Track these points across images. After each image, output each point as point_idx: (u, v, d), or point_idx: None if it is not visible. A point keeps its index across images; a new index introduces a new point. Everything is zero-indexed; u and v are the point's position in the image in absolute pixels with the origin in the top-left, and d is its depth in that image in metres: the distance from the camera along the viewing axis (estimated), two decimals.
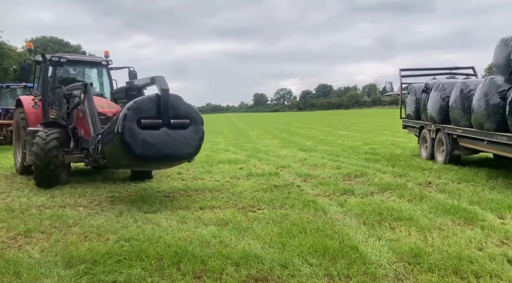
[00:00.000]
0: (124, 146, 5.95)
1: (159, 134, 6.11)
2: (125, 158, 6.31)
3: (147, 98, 6.33)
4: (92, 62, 10.45)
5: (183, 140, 6.30)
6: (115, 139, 6.05)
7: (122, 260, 4.04)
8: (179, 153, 6.38)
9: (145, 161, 6.30)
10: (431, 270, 3.68)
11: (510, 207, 5.62)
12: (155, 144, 6.05)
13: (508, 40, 7.80)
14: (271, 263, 3.90)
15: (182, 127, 6.34)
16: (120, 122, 5.92)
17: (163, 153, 6.16)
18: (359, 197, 6.72)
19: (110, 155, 6.68)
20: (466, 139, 8.76)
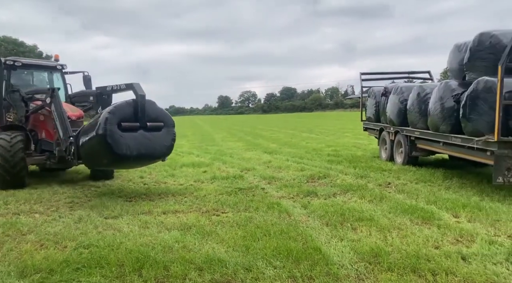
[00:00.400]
0: (106, 147, 6.43)
1: (137, 136, 6.69)
2: (106, 158, 6.75)
3: (125, 103, 6.80)
4: (47, 66, 10.14)
5: (158, 141, 6.96)
6: (97, 140, 6.49)
7: (81, 268, 3.90)
8: (155, 153, 7.02)
9: (125, 161, 6.83)
10: (391, 269, 3.78)
11: (464, 206, 5.87)
12: (134, 145, 6.60)
13: (461, 45, 8.17)
14: (235, 267, 3.89)
15: (157, 130, 6.97)
16: (102, 125, 6.39)
17: (141, 153, 6.74)
18: (322, 198, 6.82)
19: (89, 156, 7.01)
20: (423, 141, 9.08)
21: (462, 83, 7.74)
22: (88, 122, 7.09)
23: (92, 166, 8.06)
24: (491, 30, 7.15)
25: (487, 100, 6.44)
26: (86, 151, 6.94)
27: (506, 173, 6.15)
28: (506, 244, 4.37)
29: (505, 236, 4.69)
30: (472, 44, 7.41)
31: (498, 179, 6.18)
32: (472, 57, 7.42)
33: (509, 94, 6.18)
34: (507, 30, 6.68)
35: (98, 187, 8.14)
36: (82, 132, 7.03)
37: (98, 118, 6.61)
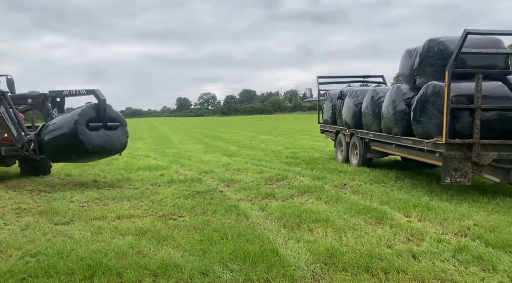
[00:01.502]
0: (78, 143, 7.64)
1: (100, 134, 8.02)
2: (75, 153, 7.97)
3: (90, 106, 8.11)
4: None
5: (116, 138, 8.39)
6: (69, 138, 7.65)
7: (27, 278, 3.71)
8: (115, 148, 8.45)
9: (91, 155, 8.20)
10: (345, 269, 3.86)
11: (415, 206, 6.10)
12: (99, 141, 7.94)
13: (412, 51, 8.50)
14: (191, 272, 3.83)
15: (114, 129, 8.37)
16: (72, 125, 7.64)
17: (105, 148, 8.14)
18: (280, 200, 6.87)
19: (57, 151, 8.01)
20: (377, 143, 9.37)
21: (413, 87, 8.06)
22: (51, 122, 8.04)
23: (56, 160, 8.86)
24: (439, 37, 7.49)
25: (436, 104, 6.74)
26: (54, 147, 7.88)
27: (453, 174, 6.45)
28: (453, 241, 4.58)
29: (452, 234, 4.91)
30: (422, 50, 7.73)
31: (446, 179, 6.47)
32: (421, 62, 7.74)
33: (456, 98, 6.49)
34: (454, 37, 7.01)
35: (48, 192, 7.79)
36: (46, 130, 7.92)
37: (68, 119, 7.77)
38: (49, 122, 8.21)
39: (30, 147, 8.26)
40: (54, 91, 8.83)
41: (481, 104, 6.34)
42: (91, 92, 8.32)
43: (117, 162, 12.00)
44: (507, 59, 7.47)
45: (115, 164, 11.64)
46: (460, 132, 6.50)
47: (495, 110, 6.55)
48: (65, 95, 8.80)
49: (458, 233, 4.93)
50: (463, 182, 6.45)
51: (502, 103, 6.59)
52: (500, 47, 7.36)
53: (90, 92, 8.34)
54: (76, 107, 8.28)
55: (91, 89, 8.33)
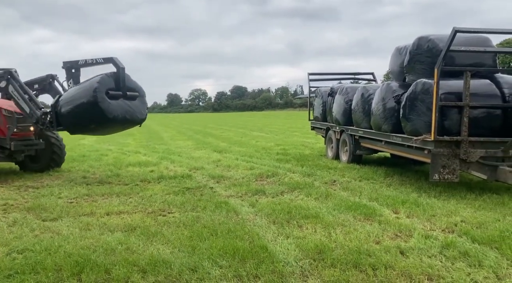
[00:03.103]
0: (98, 112, 7.41)
1: (120, 103, 7.73)
2: (95, 122, 7.76)
3: (108, 75, 7.75)
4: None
5: (136, 108, 8.06)
6: (89, 107, 7.43)
7: (13, 275, 3.67)
8: (136, 119, 8.13)
9: (112, 125, 7.97)
10: (334, 265, 3.88)
11: (403, 203, 6.15)
12: (120, 111, 7.66)
13: (402, 49, 8.56)
14: (180, 268, 3.82)
15: (133, 99, 8.05)
16: (92, 93, 7.38)
17: (126, 118, 7.84)
18: (270, 197, 6.88)
19: (76, 122, 7.83)
20: (366, 139, 9.42)
21: (403, 84, 8.11)
22: (67, 93, 7.91)
23: (75, 132, 8.41)
24: (429, 35, 7.55)
25: (425, 101, 6.79)
26: (73, 117, 7.74)
27: (441, 171, 6.52)
28: (440, 237, 4.63)
29: (439, 230, 4.96)
30: (412, 47, 7.78)
31: (434, 176, 6.54)
32: (411, 60, 7.79)
33: (444, 96, 6.55)
34: (443, 35, 7.06)
35: (36, 188, 7.71)
36: (63, 101, 7.80)
37: (87, 87, 7.54)
38: (65, 92, 8.09)
39: (46, 120, 8.12)
40: (69, 61, 8.44)
41: (469, 102, 6.41)
42: (108, 60, 7.98)
43: (107, 158, 11.92)
44: (495, 57, 7.57)
45: (105, 160, 11.56)
46: (448, 130, 6.57)
47: (483, 108, 6.64)
48: (80, 65, 8.37)
49: (446, 229, 4.99)
50: (451, 179, 6.52)
51: (490, 101, 6.67)
52: (488, 45, 7.44)
53: (108, 61, 7.99)
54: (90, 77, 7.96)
55: (108, 57, 8.00)
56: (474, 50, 6.90)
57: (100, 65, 8.19)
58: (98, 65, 8.21)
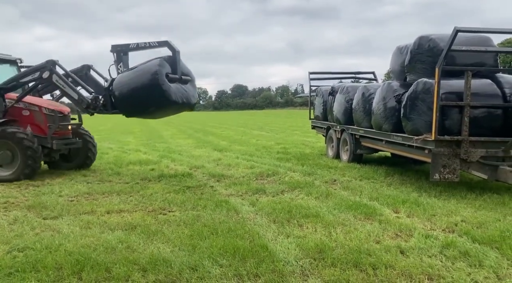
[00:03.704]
0: (160, 95, 7.39)
1: (177, 87, 7.73)
2: (155, 105, 7.68)
3: (165, 58, 7.74)
4: (6, 60, 9.61)
5: (190, 92, 8.06)
6: (150, 89, 7.38)
7: (14, 273, 3.67)
8: (190, 102, 8.10)
9: (171, 107, 7.94)
10: (334, 265, 3.88)
11: (404, 202, 6.15)
12: (178, 94, 7.66)
13: (403, 48, 8.54)
14: (180, 267, 3.82)
15: (186, 82, 8.04)
16: (155, 76, 7.35)
17: (183, 101, 7.82)
18: (270, 196, 6.88)
19: (134, 103, 7.79)
20: (367, 139, 9.42)
21: (403, 84, 8.10)
22: (123, 76, 7.86)
23: (132, 114, 8.40)
24: (430, 34, 7.53)
25: (426, 101, 6.78)
26: (131, 100, 7.69)
27: (442, 170, 6.51)
28: (440, 237, 4.63)
29: (440, 230, 4.96)
30: (413, 47, 7.77)
31: (435, 176, 6.53)
32: (412, 59, 7.78)
33: (445, 95, 6.54)
34: (444, 34, 7.05)
35: (37, 186, 7.72)
36: (119, 85, 7.77)
37: (147, 69, 7.51)
38: (119, 75, 8.01)
39: (99, 103, 8.16)
40: (118, 45, 8.27)
41: (470, 101, 6.40)
42: (163, 43, 7.90)
43: (107, 156, 11.93)
44: (496, 57, 7.55)
45: (105, 158, 11.56)
46: (449, 129, 6.56)
47: (484, 108, 6.63)
48: (131, 49, 8.23)
49: (446, 229, 4.99)
50: (451, 178, 6.52)
51: (490, 100, 6.66)
52: (489, 45, 7.43)
53: (163, 44, 7.92)
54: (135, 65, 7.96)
55: (163, 40, 7.92)
56: (475, 49, 6.89)
57: (154, 48, 8.14)
58: (152, 48, 8.15)
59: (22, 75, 8.70)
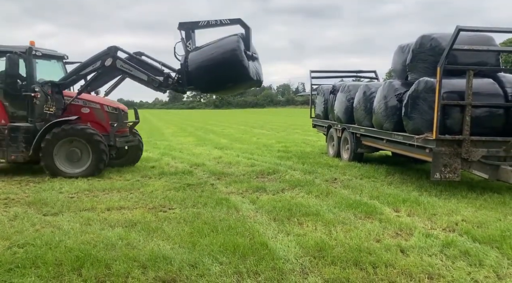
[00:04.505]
0: (241, 70, 7.44)
1: (252, 64, 7.71)
2: (233, 81, 7.79)
3: (239, 35, 7.68)
4: (55, 56, 9.67)
5: (259, 70, 8.12)
6: (231, 64, 7.38)
7: (14, 269, 3.68)
8: (261, 79, 8.16)
9: (248, 83, 8.02)
10: (334, 263, 3.88)
11: (404, 201, 6.14)
12: (254, 71, 7.69)
13: (405, 47, 8.52)
14: (180, 264, 3.82)
15: (255, 60, 8.01)
16: (235, 52, 7.39)
17: (256, 77, 7.84)
18: (271, 194, 6.88)
19: (212, 79, 7.79)
20: (368, 138, 9.40)
21: (405, 83, 8.08)
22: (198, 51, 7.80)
23: (208, 90, 8.67)
24: (432, 33, 7.51)
25: (427, 100, 6.77)
26: (209, 76, 7.69)
27: (443, 170, 6.50)
28: (441, 236, 4.62)
29: (440, 229, 4.96)
30: (414, 46, 7.74)
31: (435, 175, 6.52)
32: (414, 58, 7.75)
33: (447, 95, 6.53)
34: (446, 34, 7.03)
35: (38, 183, 7.72)
36: (195, 61, 7.75)
37: (226, 46, 7.52)
38: (195, 52, 7.89)
39: (173, 79, 8.17)
40: (187, 22, 8.10)
41: (472, 101, 6.38)
42: (235, 21, 7.81)
43: None
44: (498, 56, 7.52)
45: None
46: (450, 128, 6.55)
47: (485, 107, 6.61)
48: (201, 26, 8.07)
49: (446, 228, 4.98)
50: (452, 178, 6.51)
51: (492, 100, 6.65)
52: (491, 44, 7.40)
53: (235, 22, 7.82)
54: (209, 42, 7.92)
55: (235, 18, 7.83)
56: (477, 49, 6.87)
57: (224, 26, 8.04)
58: (222, 26, 8.05)
59: (81, 67, 8.59)
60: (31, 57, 8.63)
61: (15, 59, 8.29)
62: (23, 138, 8.26)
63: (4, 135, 8.31)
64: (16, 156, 8.28)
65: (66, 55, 9.86)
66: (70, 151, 8.32)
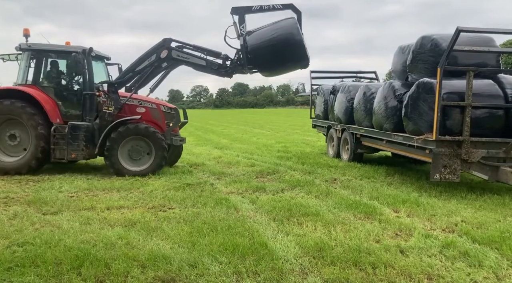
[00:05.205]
0: (300, 51, 7.99)
1: None
2: (292, 61, 8.23)
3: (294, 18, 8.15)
4: (102, 57, 9.79)
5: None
6: (295, 45, 7.90)
7: (13, 267, 3.68)
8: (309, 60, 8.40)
9: (302, 63, 8.32)
10: (334, 263, 3.88)
11: (404, 202, 6.14)
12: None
13: (405, 48, 8.52)
14: (180, 263, 3.82)
15: None
16: (297, 33, 7.92)
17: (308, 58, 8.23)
18: (271, 194, 6.88)
19: (274, 60, 8.16)
20: (368, 138, 9.40)
21: (405, 83, 8.08)
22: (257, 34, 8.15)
23: (268, 69, 8.69)
24: (432, 34, 7.51)
25: (427, 101, 6.77)
26: (271, 56, 8.05)
27: (442, 170, 6.51)
28: (440, 237, 4.62)
29: (440, 230, 4.96)
30: (415, 46, 7.74)
31: (435, 176, 6.52)
32: (414, 59, 7.76)
33: (447, 95, 6.53)
34: (446, 34, 7.03)
35: (37, 182, 7.72)
36: (256, 42, 8.08)
37: (287, 28, 7.98)
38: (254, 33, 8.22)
39: (232, 60, 8.48)
40: (239, 7, 8.34)
41: (472, 102, 6.38)
42: (288, 6, 8.25)
43: None
44: (498, 57, 7.52)
45: None
46: (450, 129, 6.55)
47: (485, 108, 6.61)
48: (254, 11, 8.35)
49: (446, 229, 4.99)
50: (452, 178, 6.51)
51: (492, 101, 6.65)
52: (491, 45, 7.41)
53: (287, 7, 8.26)
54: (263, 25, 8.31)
55: (288, 3, 8.26)
56: (478, 50, 6.87)
57: (277, 11, 8.34)
58: (275, 11, 8.34)
59: (136, 63, 8.69)
60: (90, 58, 8.79)
61: (81, 59, 8.48)
62: (83, 137, 8.39)
63: (62, 134, 8.38)
64: (77, 154, 8.42)
65: (109, 57, 10.01)
66: (132, 150, 8.50)
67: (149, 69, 8.64)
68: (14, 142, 8.50)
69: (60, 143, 8.37)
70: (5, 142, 8.52)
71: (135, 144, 8.48)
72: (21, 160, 8.36)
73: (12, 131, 8.47)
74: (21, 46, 8.71)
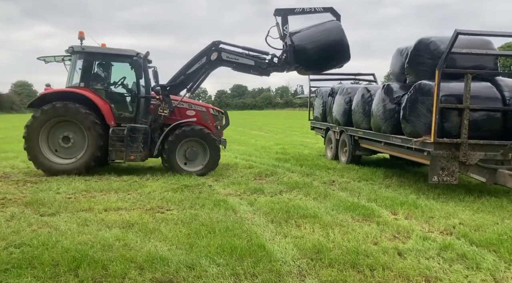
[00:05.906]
0: (345, 51, 8.39)
1: None
2: (336, 60, 8.62)
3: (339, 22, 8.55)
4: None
5: None
6: (339, 44, 8.31)
7: (10, 269, 3.66)
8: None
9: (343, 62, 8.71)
10: (331, 265, 3.87)
11: (402, 204, 6.15)
12: None
13: (403, 50, 8.54)
14: (177, 265, 3.81)
15: None
16: (342, 34, 8.33)
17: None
18: (269, 196, 6.87)
19: (321, 59, 8.46)
20: (366, 140, 9.41)
21: (403, 86, 8.09)
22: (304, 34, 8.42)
23: (313, 68, 8.98)
24: (430, 36, 7.53)
25: (425, 103, 6.78)
26: (318, 55, 8.34)
27: (440, 173, 6.51)
28: (438, 239, 4.63)
29: (437, 232, 4.96)
30: (413, 49, 7.76)
31: (433, 178, 6.53)
32: (412, 61, 7.77)
33: (445, 98, 6.54)
34: (445, 37, 7.05)
35: (35, 183, 7.70)
36: (303, 41, 8.35)
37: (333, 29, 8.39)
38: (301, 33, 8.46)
39: (280, 58, 8.66)
40: (282, 9, 8.62)
41: (470, 104, 6.40)
42: (328, 9, 8.61)
43: None
44: (496, 60, 7.55)
45: None
46: (448, 132, 6.56)
47: (483, 111, 6.63)
48: (297, 13, 8.64)
49: (444, 231, 4.99)
50: (450, 181, 6.52)
51: (490, 103, 6.66)
52: (489, 48, 7.43)
53: (327, 10, 8.61)
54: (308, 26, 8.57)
55: (328, 6, 8.62)
56: (476, 52, 6.89)
57: (318, 13, 8.66)
58: (316, 13, 8.65)
59: (187, 66, 8.83)
60: (146, 61, 8.99)
61: (141, 63, 8.63)
62: (142, 139, 8.54)
63: (119, 136, 8.46)
64: (135, 156, 8.55)
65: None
66: (188, 151, 8.79)
67: (200, 72, 8.79)
68: (68, 144, 8.53)
69: (117, 145, 8.48)
70: (58, 145, 8.53)
71: (191, 146, 8.80)
72: (79, 161, 8.44)
73: (65, 133, 8.49)
74: (74, 49, 8.75)
